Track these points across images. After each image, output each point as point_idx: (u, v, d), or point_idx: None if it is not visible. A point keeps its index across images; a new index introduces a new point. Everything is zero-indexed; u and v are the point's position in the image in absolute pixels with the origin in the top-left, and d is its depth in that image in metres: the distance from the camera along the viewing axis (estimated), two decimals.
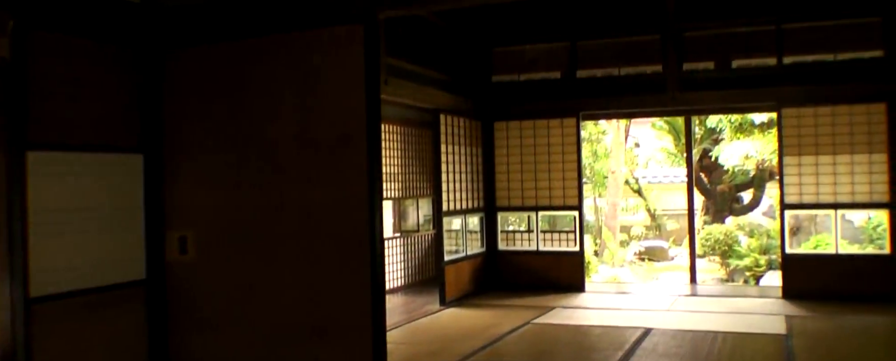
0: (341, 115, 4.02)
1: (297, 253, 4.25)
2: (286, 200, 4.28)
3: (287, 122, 4.26)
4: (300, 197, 4.19)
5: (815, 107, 8.76)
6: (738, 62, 9.23)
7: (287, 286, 4.30)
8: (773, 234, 15.33)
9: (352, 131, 3.97)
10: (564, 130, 9.84)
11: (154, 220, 4.60)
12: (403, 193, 10.65)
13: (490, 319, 7.99)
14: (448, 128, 9.09)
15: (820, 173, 8.71)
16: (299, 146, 4.22)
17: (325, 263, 4.14)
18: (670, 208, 19.22)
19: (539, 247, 10.00)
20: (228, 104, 4.47)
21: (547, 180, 9.93)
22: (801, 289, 8.74)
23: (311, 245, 4.19)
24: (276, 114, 4.31)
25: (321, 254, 4.16)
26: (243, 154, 4.43)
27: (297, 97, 4.22)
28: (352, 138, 3.97)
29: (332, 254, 4.12)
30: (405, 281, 10.65)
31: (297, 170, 4.20)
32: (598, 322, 7.66)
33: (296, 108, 4.23)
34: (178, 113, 4.60)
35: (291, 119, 4.25)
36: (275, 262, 4.32)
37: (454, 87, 9.50)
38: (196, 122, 4.57)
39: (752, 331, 7.05)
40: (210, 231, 4.53)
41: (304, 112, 4.21)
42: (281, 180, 4.27)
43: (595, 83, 9.83)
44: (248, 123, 4.39)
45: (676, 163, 20.71)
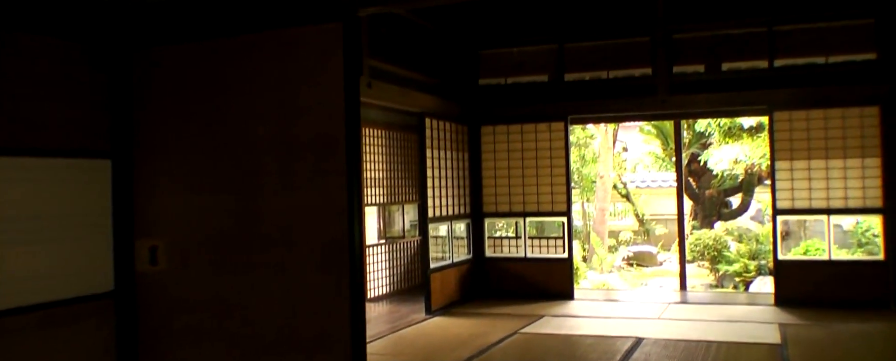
0: (320, 117, 3.80)
1: (274, 263, 4.02)
2: (262, 207, 4.05)
3: (264, 125, 4.03)
4: (277, 204, 3.97)
5: (807, 110, 8.62)
6: (729, 65, 9.08)
7: (263, 299, 4.07)
8: (762, 239, 15.23)
9: (330, 135, 3.76)
10: (552, 134, 9.65)
11: (123, 228, 4.35)
12: (388, 198, 10.44)
13: (477, 328, 7.77)
14: (434, 132, 8.89)
15: (812, 177, 8.56)
16: (277, 150, 3.99)
17: (303, 273, 3.92)
18: (658, 212, 19.11)
19: (527, 254, 9.80)
20: (203, 106, 4.24)
21: (535, 186, 9.73)
22: (793, 296, 8.58)
23: (288, 255, 3.96)
24: (253, 116, 4.08)
25: (299, 264, 3.93)
26: (218, 159, 4.19)
27: (274, 99, 3.99)
28: (330, 141, 3.75)
29: (310, 264, 3.89)
30: (390, 289, 10.43)
31: (274, 175, 3.97)
32: (589, 332, 7.46)
33: (273, 110, 4.00)
34: (150, 116, 4.36)
35: (268, 122, 4.02)
36: (251, 273, 4.09)
37: (440, 90, 9.30)
38: (168, 125, 4.33)
39: (745, 340, 6.86)
40: (183, 240, 4.28)
41: (282, 115, 3.98)
42: (257, 185, 4.04)
43: (583, 86, 9.66)
44: (223, 127, 4.16)
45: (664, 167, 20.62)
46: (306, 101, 3.87)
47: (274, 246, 3.97)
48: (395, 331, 7.78)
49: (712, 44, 9.09)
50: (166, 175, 4.33)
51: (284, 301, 3.99)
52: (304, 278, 3.90)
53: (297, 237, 3.90)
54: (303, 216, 3.87)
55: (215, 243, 4.19)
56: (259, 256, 4.05)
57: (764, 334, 7.14)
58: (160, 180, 4.34)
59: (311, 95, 3.86)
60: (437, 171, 8.93)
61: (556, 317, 8.32)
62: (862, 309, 8.09)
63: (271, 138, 3.99)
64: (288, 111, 3.94)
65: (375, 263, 10.17)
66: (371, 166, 10.01)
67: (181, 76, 4.27)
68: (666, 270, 16.46)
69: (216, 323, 4.19)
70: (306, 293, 3.91)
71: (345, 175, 3.72)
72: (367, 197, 9.97)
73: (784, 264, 8.83)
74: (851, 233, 14.08)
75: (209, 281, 4.21)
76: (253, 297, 4.09)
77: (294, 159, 3.91)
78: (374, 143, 10.09)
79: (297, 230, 3.90)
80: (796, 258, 10.21)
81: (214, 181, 4.18)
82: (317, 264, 3.86)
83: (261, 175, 4.03)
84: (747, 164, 14.91)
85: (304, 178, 3.88)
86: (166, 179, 4.33)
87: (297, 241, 3.90)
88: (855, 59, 8.60)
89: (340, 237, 3.75)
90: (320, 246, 3.84)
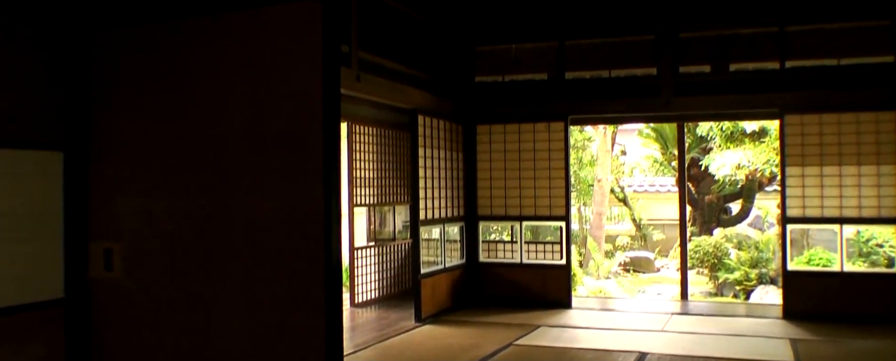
0: (295, 109, 3.36)
1: (240, 274, 3.58)
2: (231, 208, 3.60)
3: (233, 117, 3.59)
4: (246, 206, 3.52)
5: (819, 114, 8.20)
6: (737, 66, 8.66)
7: (230, 311, 3.62)
8: (762, 246, 14.82)
9: (306, 129, 3.32)
10: (551, 134, 9.21)
11: (76, 229, 3.91)
12: (379, 199, 9.99)
13: (469, 339, 7.33)
14: (427, 130, 8.44)
15: (825, 184, 8.14)
16: (247, 146, 3.55)
17: (273, 286, 3.47)
18: (656, 217, 18.71)
19: (523, 259, 9.36)
20: (165, 96, 3.79)
21: (532, 188, 9.29)
22: (802, 309, 8.16)
23: (257, 263, 3.52)
24: (222, 107, 3.63)
25: (268, 275, 3.49)
26: (182, 155, 3.74)
27: (244, 88, 3.55)
28: (306, 136, 3.31)
29: (281, 275, 3.45)
30: (380, 294, 9.98)
31: (244, 173, 3.52)
32: (588, 345, 7.02)
33: (242, 101, 3.56)
34: (108, 106, 3.91)
35: (238, 114, 3.57)
36: (216, 284, 3.64)
37: (434, 86, 8.86)
38: (128, 116, 3.88)
39: (755, 358, 6.43)
40: (141, 244, 3.84)
41: (254, 105, 3.53)
42: (225, 185, 3.60)
43: (584, 86, 9.24)
44: (188, 119, 3.72)
45: (661, 172, 20.22)
46: (279, 90, 3.42)
47: (241, 254, 3.52)
48: (383, 340, 7.34)
49: (720, 44, 8.66)
50: (125, 171, 3.89)
51: (251, 318, 3.55)
52: (273, 291, 3.45)
53: (267, 245, 3.46)
54: (273, 221, 3.42)
55: (177, 248, 3.75)
56: (224, 265, 3.60)
57: (774, 350, 6.71)
58: (118, 177, 3.90)
59: (285, 83, 3.42)
60: (429, 171, 8.49)
61: (553, 328, 7.88)
62: (875, 325, 7.67)
63: (240, 132, 3.54)
64: (259, 102, 3.50)
65: (364, 266, 9.73)
66: (361, 164, 9.57)
67: (142, 62, 3.83)
68: (664, 276, 16.07)
69: (176, 340, 3.75)
70: (276, 309, 3.46)
71: (321, 175, 3.28)
72: (356, 198, 9.53)
73: (793, 275, 8.40)
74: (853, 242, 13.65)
75: (170, 292, 3.76)
76: (217, 312, 3.64)
77: (265, 156, 3.47)
78: (365, 141, 9.64)
79: (267, 237, 3.45)
80: (806, 269, 9.76)
81: (177, 180, 3.74)
82: (288, 275, 3.42)
83: (228, 173, 3.58)
84: (750, 170, 14.48)
85: (275, 178, 3.43)
86: (125, 175, 3.89)
87: (267, 249, 3.46)
88: (870, 61, 8.20)
89: (315, 245, 3.30)
90: (293, 255, 3.39)
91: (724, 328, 7.79)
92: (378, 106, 8.94)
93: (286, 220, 3.38)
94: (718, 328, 7.79)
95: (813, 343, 7.05)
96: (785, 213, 8.31)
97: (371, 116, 9.37)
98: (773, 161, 13.57)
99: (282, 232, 3.42)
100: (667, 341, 7.17)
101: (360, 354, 6.74)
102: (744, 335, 7.43)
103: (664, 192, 19.38)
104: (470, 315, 8.59)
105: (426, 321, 8.19)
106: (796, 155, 8.24)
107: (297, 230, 3.35)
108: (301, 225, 3.33)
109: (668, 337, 7.35)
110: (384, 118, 9.62)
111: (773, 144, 13.56)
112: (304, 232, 3.33)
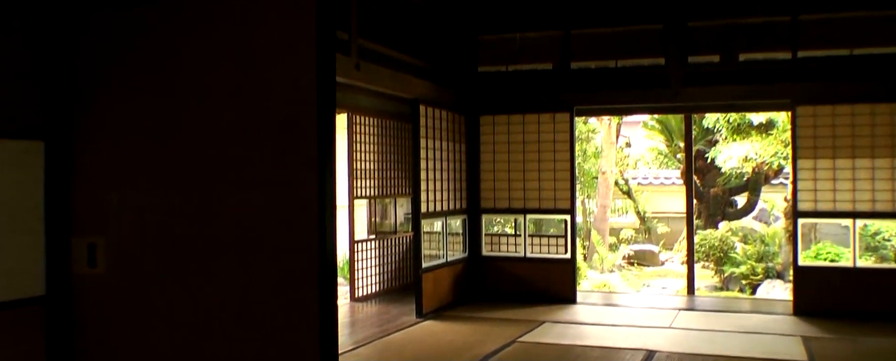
0: (287, 96, 3.15)
1: (231, 269, 3.36)
2: (220, 201, 3.38)
3: (223, 105, 3.36)
4: (235, 200, 3.30)
5: (833, 105, 7.97)
6: (748, 56, 8.42)
7: (219, 310, 3.41)
8: (768, 240, 14.63)
9: (299, 118, 3.10)
10: (556, 125, 8.99)
11: (58, 223, 3.69)
12: (380, 191, 9.79)
13: (471, 335, 7.14)
14: (429, 120, 8.22)
15: (838, 178, 7.92)
16: (238, 135, 3.33)
17: (265, 279, 3.26)
18: (660, 210, 18.53)
19: (527, 253, 9.15)
20: (153, 82, 3.56)
21: (537, 181, 9.07)
22: (813, 305, 7.95)
23: (248, 259, 3.30)
24: (211, 95, 3.41)
25: (261, 270, 3.28)
26: (171, 144, 3.52)
27: (236, 74, 3.33)
28: (299, 125, 3.10)
29: (274, 271, 3.24)
30: (381, 287, 9.79)
31: (235, 164, 3.31)
32: (594, 342, 6.82)
33: (234, 87, 3.34)
34: (92, 92, 3.69)
35: (228, 102, 3.35)
36: (205, 280, 3.43)
37: (436, 76, 8.64)
38: (113, 103, 3.65)
39: (768, 357, 6.21)
40: (126, 239, 3.62)
41: (245, 92, 3.31)
42: (215, 176, 3.38)
43: (590, 76, 9.01)
44: (176, 107, 3.49)
45: (666, 164, 20.02)
46: (271, 76, 3.20)
47: (230, 251, 3.31)
48: (383, 336, 7.15)
49: (731, 33, 8.43)
50: (110, 162, 3.66)
51: (243, 315, 3.34)
52: (264, 287, 3.25)
53: (258, 239, 3.24)
54: (264, 216, 3.21)
55: (164, 244, 3.53)
56: (214, 260, 3.39)
57: (787, 349, 6.50)
58: (102, 168, 3.68)
59: (278, 68, 3.20)
60: (431, 163, 8.28)
61: (558, 324, 7.69)
62: (888, 322, 7.47)
63: (230, 121, 3.32)
64: (250, 89, 3.28)
65: (365, 260, 9.53)
66: (361, 156, 9.36)
67: (128, 46, 3.60)
68: (668, 270, 15.91)
69: (162, 338, 3.54)
70: (267, 305, 3.25)
71: (315, 167, 3.06)
72: (356, 190, 9.33)
73: (804, 270, 8.19)
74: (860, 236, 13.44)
75: (156, 290, 3.55)
76: (206, 309, 3.44)
77: (256, 145, 3.25)
78: (365, 132, 9.43)
79: (258, 230, 3.24)
80: (817, 264, 9.54)
81: (165, 172, 3.52)
82: (281, 272, 3.21)
83: (217, 166, 3.36)
84: (758, 162, 14.26)
85: (267, 168, 3.22)
86: (110, 166, 3.67)
87: (258, 243, 3.24)
88: (885, 52, 7.96)
89: (308, 241, 3.09)
90: (286, 251, 3.19)
91: (734, 324, 7.58)
92: (379, 96, 8.73)
93: (278, 213, 3.18)
94: (727, 324, 7.59)
95: (826, 340, 6.84)
96: (796, 207, 8.10)
97: (372, 106, 9.16)
98: (781, 154, 13.35)
99: (273, 226, 3.21)
100: (675, 338, 6.97)
101: (359, 351, 6.55)
102: (754, 332, 7.22)
103: (668, 185, 19.20)
104: (472, 311, 8.39)
105: (427, 316, 8.00)
106: (808, 147, 8.01)
107: (289, 224, 3.14)
108: (293, 218, 3.12)
109: (675, 334, 7.15)
110: (385, 108, 9.41)
111: (781, 136, 13.35)
112: (296, 226, 3.12)
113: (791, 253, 13.33)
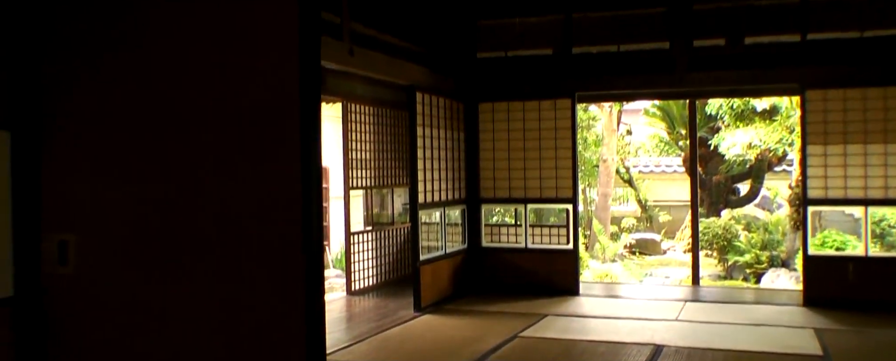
0: (266, 79, 2.89)
1: (212, 267, 3.10)
2: (199, 193, 3.13)
3: (198, 89, 3.10)
4: (216, 190, 3.05)
5: (843, 89, 7.71)
6: (755, 39, 8.14)
7: (199, 311, 3.16)
8: (772, 228, 14.39)
9: (281, 102, 2.85)
10: (558, 112, 8.72)
11: (26, 219, 3.43)
12: (377, 181, 9.53)
13: (471, 330, 6.90)
14: (426, 108, 7.96)
15: (849, 164, 7.66)
16: (216, 122, 3.07)
17: (247, 278, 3.01)
18: (662, 199, 18.30)
19: (528, 244, 8.90)
20: (127, 69, 3.29)
21: (537, 169, 8.81)
22: (824, 296, 7.71)
23: (228, 255, 3.05)
24: (189, 78, 3.15)
25: (242, 267, 3.02)
26: (145, 134, 3.26)
27: (214, 56, 3.07)
28: (281, 110, 2.84)
29: (256, 267, 2.99)
30: (378, 280, 9.54)
31: (210, 155, 3.05)
32: (598, 336, 6.58)
33: (212, 70, 3.07)
34: (62, 78, 3.43)
35: (207, 85, 3.09)
36: (182, 278, 3.18)
37: (433, 62, 8.36)
38: (85, 89, 3.39)
39: (780, 351, 5.97)
40: (100, 236, 3.36)
41: (224, 75, 3.05)
42: (190, 168, 3.12)
43: (592, 61, 8.73)
44: (151, 92, 3.23)
45: (666, 152, 19.78)
46: (250, 56, 2.95)
47: (208, 247, 3.05)
48: (380, 332, 6.90)
49: (737, 15, 8.14)
50: (82, 153, 3.40)
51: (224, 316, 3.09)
52: (246, 284, 2.99)
53: (237, 236, 2.99)
54: (245, 209, 2.95)
55: (140, 240, 3.28)
56: (192, 257, 3.13)
57: (799, 342, 6.26)
58: (74, 159, 3.41)
59: (257, 49, 2.95)
60: (429, 152, 8.02)
61: (561, 317, 7.44)
62: None
63: (207, 107, 3.06)
64: (229, 72, 3.02)
65: (361, 252, 9.28)
66: (357, 145, 9.10)
67: (102, 27, 3.34)
68: (670, 258, 15.70)
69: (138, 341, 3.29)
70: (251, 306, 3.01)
71: (299, 155, 2.81)
72: (352, 180, 9.07)
73: (814, 259, 7.95)
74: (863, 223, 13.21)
75: (131, 289, 3.29)
76: (185, 310, 3.19)
77: (236, 133, 2.99)
78: (361, 120, 9.17)
79: (236, 227, 2.98)
80: (827, 253, 9.30)
81: (140, 162, 3.26)
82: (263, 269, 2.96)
83: (195, 154, 3.11)
84: (762, 149, 13.99)
85: (247, 157, 2.96)
86: (82, 157, 3.40)
87: (238, 241, 2.98)
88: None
89: (291, 236, 2.84)
90: (268, 246, 2.93)
91: (743, 316, 7.34)
92: (374, 83, 8.46)
93: (259, 205, 2.92)
94: (736, 316, 7.34)
95: (839, 333, 6.60)
96: (806, 194, 7.84)
97: (367, 93, 8.88)
98: (786, 140, 13.09)
99: (254, 219, 2.95)
100: (682, 331, 6.73)
101: (355, 348, 6.31)
102: (764, 324, 6.98)
103: (670, 173, 18.97)
104: (472, 304, 8.15)
105: (426, 310, 7.75)
106: (818, 133, 7.76)
107: (271, 216, 2.89)
108: (275, 210, 2.87)
109: (683, 327, 6.91)
110: (381, 96, 9.14)
111: (786, 122, 13.09)
112: (279, 218, 2.86)
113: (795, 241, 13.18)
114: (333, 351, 6.12)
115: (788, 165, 16.10)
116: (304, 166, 2.78)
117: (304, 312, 2.92)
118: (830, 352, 5.89)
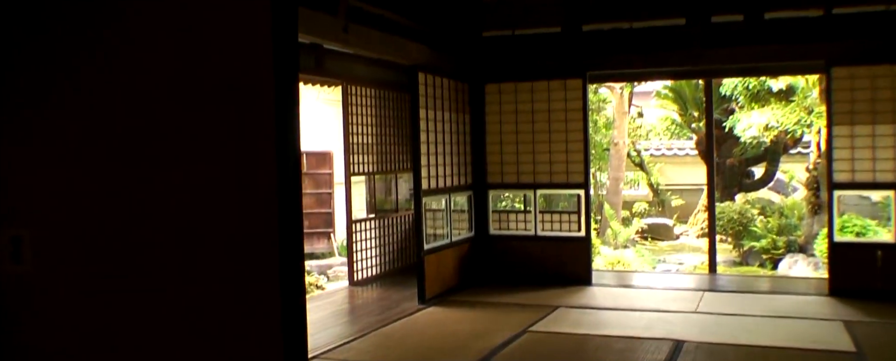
0: (235, 52, 2.50)
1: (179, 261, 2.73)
2: (163, 182, 2.74)
3: (165, 65, 2.70)
4: (179, 181, 2.67)
5: (871, 67, 7.27)
6: (776, 14, 7.69)
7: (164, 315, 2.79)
8: (787, 212, 13.96)
9: (252, 78, 2.46)
10: (568, 93, 8.31)
11: None
12: (379, 167, 9.15)
13: (478, 324, 6.53)
14: (429, 89, 7.55)
15: (877, 145, 7.23)
16: (181, 102, 2.68)
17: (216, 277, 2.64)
18: (674, 182, 17.90)
19: (537, 231, 8.51)
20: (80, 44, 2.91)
21: (547, 153, 8.41)
22: (850, 285, 7.30)
23: (196, 250, 2.67)
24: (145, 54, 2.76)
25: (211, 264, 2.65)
26: (105, 116, 2.87)
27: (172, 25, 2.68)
28: (252, 87, 2.46)
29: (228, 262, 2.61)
30: (382, 269, 9.18)
31: (174, 140, 2.67)
32: (613, 331, 6.20)
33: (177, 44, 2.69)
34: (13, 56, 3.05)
35: (170, 61, 2.70)
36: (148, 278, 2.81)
37: (436, 41, 7.95)
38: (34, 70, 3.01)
39: (810, 347, 5.57)
40: (57, 230, 2.99)
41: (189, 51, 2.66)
42: (152, 155, 2.74)
43: (603, 38, 8.30)
44: (108, 72, 2.84)
45: (678, 135, 19.35)
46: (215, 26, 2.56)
47: (178, 241, 2.67)
48: (383, 326, 6.54)
49: None
50: (36, 139, 3.03)
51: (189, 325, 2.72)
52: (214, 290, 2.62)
53: (205, 230, 2.60)
54: (214, 199, 2.57)
55: (101, 235, 2.90)
56: (158, 254, 2.76)
57: (829, 336, 5.86)
58: (27, 146, 3.04)
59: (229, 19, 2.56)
60: (433, 135, 7.63)
61: (574, 309, 7.06)
62: None
63: (172, 85, 2.66)
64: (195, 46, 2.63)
65: (363, 240, 8.91)
66: (358, 129, 8.70)
67: None
68: (683, 244, 15.35)
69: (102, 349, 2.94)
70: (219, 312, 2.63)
71: (273, 139, 2.42)
72: (353, 166, 8.68)
73: (840, 247, 7.54)
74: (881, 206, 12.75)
75: (90, 289, 2.93)
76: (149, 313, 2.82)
77: (202, 113, 2.60)
78: (361, 103, 8.77)
79: (204, 219, 2.59)
80: (854, 240, 8.87)
81: (98, 149, 2.87)
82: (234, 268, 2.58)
83: (157, 140, 2.72)
84: (779, 131, 13.52)
85: (216, 141, 2.58)
86: (35, 144, 3.03)
87: (206, 235, 2.60)
88: None
89: (267, 227, 2.46)
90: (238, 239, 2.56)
91: (765, 307, 6.94)
92: (375, 63, 8.06)
93: (229, 194, 2.54)
94: (758, 308, 6.94)
95: (871, 325, 6.21)
96: (831, 178, 7.42)
97: (367, 75, 8.48)
98: (804, 121, 12.62)
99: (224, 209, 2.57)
100: (703, 324, 6.34)
101: (354, 344, 5.94)
102: (790, 316, 6.58)
103: (682, 156, 18.55)
104: (479, 295, 7.78)
105: (430, 302, 7.38)
106: (845, 112, 7.33)
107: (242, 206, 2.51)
108: (247, 200, 2.48)
109: (703, 320, 6.52)
110: (382, 77, 8.73)
111: (803, 102, 12.63)
112: (251, 208, 2.49)
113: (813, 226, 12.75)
114: (331, 349, 5.76)
115: (805, 147, 15.64)
116: (280, 151, 2.39)
117: (280, 309, 2.55)
118: (863, 347, 5.49)
